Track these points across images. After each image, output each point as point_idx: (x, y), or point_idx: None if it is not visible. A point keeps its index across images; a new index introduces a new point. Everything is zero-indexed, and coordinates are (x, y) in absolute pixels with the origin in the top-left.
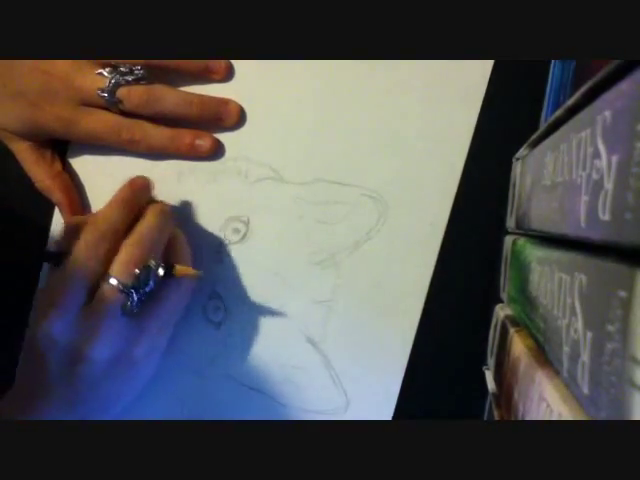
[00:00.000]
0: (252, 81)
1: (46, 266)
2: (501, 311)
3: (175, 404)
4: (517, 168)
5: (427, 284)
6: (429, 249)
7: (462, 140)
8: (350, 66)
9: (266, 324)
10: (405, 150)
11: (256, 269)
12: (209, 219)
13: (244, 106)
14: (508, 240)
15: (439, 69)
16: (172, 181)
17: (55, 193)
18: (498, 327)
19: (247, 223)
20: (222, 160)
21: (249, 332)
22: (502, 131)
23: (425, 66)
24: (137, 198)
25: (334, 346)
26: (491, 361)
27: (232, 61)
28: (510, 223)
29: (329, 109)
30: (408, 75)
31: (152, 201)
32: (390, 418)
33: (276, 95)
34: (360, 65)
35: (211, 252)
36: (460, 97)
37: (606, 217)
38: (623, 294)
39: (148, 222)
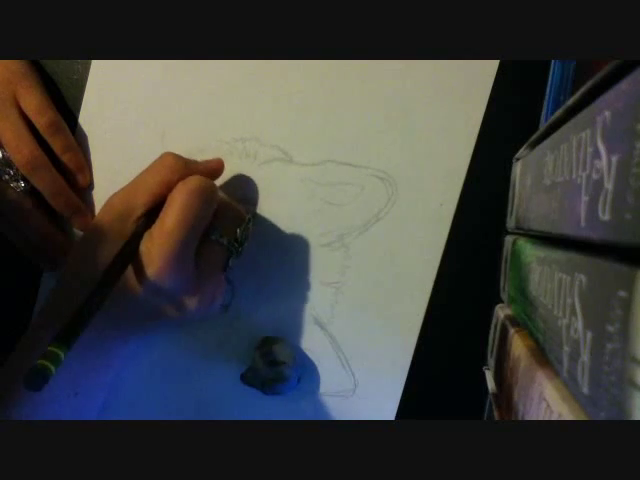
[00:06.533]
0: (262, 63)
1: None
2: (501, 311)
3: (182, 386)
4: (517, 168)
5: (437, 264)
6: (440, 229)
7: (474, 118)
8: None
9: (274, 306)
10: (414, 130)
11: (264, 251)
12: None
13: (254, 87)
14: (508, 240)
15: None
16: None
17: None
18: (498, 327)
19: (256, 205)
20: (231, 141)
21: (257, 314)
22: (502, 131)
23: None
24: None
25: (342, 328)
26: (491, 361)
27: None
28: (510, 223)
29: (339, 91)
30: (419, 61)
31: None
32: (399, 398)
33: (286, 77)
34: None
35: None
36: (470, 81)
37: (606, 217)
38: (623, 294)
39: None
